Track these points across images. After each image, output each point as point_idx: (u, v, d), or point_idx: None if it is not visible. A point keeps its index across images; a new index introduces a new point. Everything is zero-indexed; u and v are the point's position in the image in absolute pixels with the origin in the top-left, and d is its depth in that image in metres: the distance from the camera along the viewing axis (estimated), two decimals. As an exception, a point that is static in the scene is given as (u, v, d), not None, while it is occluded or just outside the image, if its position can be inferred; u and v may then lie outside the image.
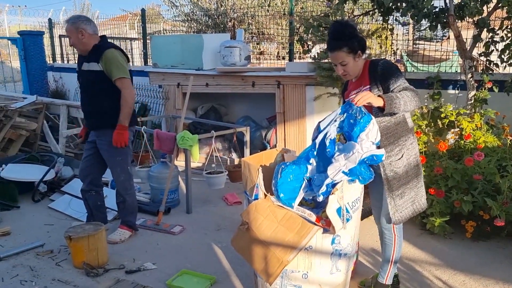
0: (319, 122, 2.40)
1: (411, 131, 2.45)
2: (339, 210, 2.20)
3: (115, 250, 3.33)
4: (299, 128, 4.82)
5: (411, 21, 4.83)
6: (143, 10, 7.80)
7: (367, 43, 2.66)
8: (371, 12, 4.96)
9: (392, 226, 2.51)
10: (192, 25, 9.55)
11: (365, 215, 3.58)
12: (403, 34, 6.55)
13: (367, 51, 4.61)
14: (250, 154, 4.71)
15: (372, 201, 2.65)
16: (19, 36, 8.42)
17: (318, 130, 2.38)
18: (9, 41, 8.68)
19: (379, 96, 2.22)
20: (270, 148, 5.09)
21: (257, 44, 8.53)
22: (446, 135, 4.18)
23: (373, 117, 2.23)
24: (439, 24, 4.08)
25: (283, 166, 2.31)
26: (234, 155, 5.43)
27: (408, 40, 6.69)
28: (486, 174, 3.45)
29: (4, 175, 4.31)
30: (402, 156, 2.38)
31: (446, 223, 3.44)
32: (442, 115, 4.04)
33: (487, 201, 3.24)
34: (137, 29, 10.57)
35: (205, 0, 9.43)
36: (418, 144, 3.86)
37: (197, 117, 5.90)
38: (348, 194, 2.26)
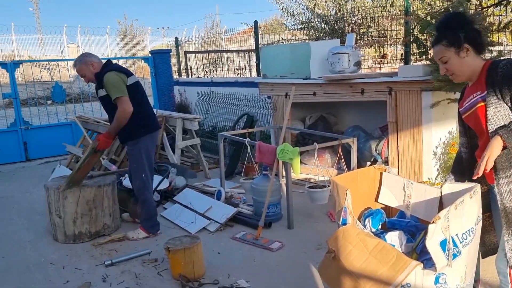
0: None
1: None
2: (443, 243, 1.83)
3: (213, 263, 3.35)
4: (414, 139, 4.32)
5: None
6: (255, 23, 7.96)
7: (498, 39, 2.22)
8: (505, 2, 4.22)
9: (509, 271, 2.01)
10: (310, 33, 9.41)
11: (489, 252, 2.89)
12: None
13: (495, 48, 3.85)
14: (358, 167, 4.38)
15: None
16: (150, 55, 9.32)
17: None
18: (142, 60, 9.62)
19: (495, 136, 1.88)
20: (381, 160, 4.68)
21: (378, 47, 8.01)
22: None
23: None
24: None
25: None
26: (343, 168, 5.12)
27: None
28: None
29: (125, 184, 4.71)
30: None
31: None
32: None
33: None
34: (261, 41, 10.79)
35: (323, 6, 9.21)
36: None
37: (306, 127, 5.73)
38: (456, 224, 1.87)
